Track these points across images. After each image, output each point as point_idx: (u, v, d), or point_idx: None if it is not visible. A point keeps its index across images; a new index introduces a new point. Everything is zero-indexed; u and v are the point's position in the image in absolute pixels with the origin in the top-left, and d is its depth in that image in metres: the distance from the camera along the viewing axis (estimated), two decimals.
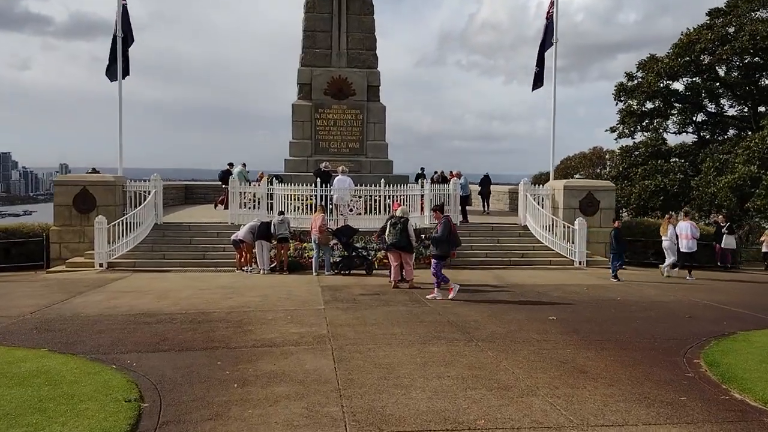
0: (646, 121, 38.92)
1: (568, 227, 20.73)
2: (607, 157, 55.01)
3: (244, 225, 19.10)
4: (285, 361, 8.57)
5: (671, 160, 34.78)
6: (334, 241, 19.46)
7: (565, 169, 53.73)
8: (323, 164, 21.62)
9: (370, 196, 20.61)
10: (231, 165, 27.55)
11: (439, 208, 14.93)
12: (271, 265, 18.54)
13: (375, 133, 26.86)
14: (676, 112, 38.50)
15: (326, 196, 20.29)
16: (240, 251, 18.84)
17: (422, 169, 30.64)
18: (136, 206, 20.59)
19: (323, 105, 26.58)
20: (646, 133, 39.93)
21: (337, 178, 20.71)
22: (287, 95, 27.74)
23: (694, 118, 38.89)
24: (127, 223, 19.88)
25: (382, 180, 20.74)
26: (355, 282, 16.48)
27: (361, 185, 20.85)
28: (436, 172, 31.17)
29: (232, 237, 18.91)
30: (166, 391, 7.28)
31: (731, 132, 38.57)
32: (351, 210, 20.59)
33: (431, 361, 8.52)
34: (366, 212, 20.67)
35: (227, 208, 26.33)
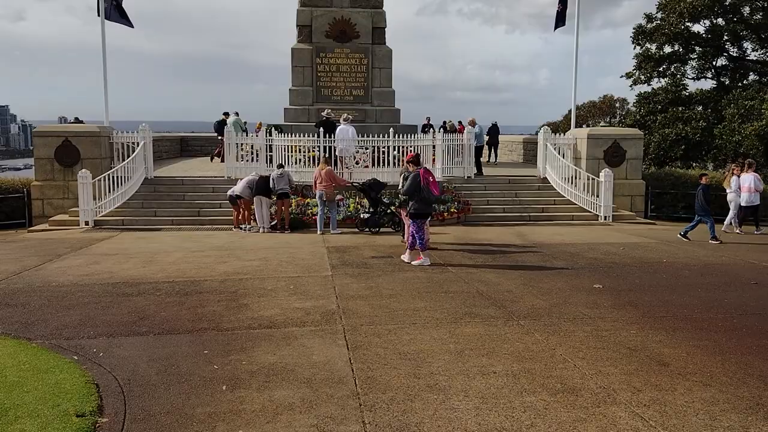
0: (664, 66, 36.69)
1: (593, 179, 18.92)
2: (617, 105, 52.83)
3: (241, 179, 17.30)
4: (287, 348, 6.86)
5: (692, 108, 32.68)
6: (339, 197, 17.70)
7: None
8: (325, 112, 19.69)
9: (378, 147, 18.75)
10: (226, 114, 25.60)
11: (413, 161, 12.73)
12: (272, 223, 16.81)
13: (381, 80, 24.81)
14: (696, 56, 36.23)
15: (330, 147, 18.43)
16: (237, 208, 17.10)
17: (428, 119, 28.67)
18: (124, 159, 18.76)
19: (325, 49, 24.46)
20: (662, 79, 37.76)
21: (339, 128, 18.81)
22: (286, 45, 25.57)
23: (714, 63, 36.63)
24: (114, 177, 18.11)
25: (391, 129, 18.85)
26: (364, 242, 14.76)
27: (365, 135, 18.94)
28: (444, 123, 29.25)
29: (229, 192, 17.14)
30: (135, 396, 5.58)
31: (752, 77, 36.38)
32: (357, 162, 18.76)
33: (468, 349, 6.81)
34: (373, 165, 18.83)
35: (224, 161, 24.58)
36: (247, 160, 19.84)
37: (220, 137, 25.46)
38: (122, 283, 10.38)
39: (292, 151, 18.94)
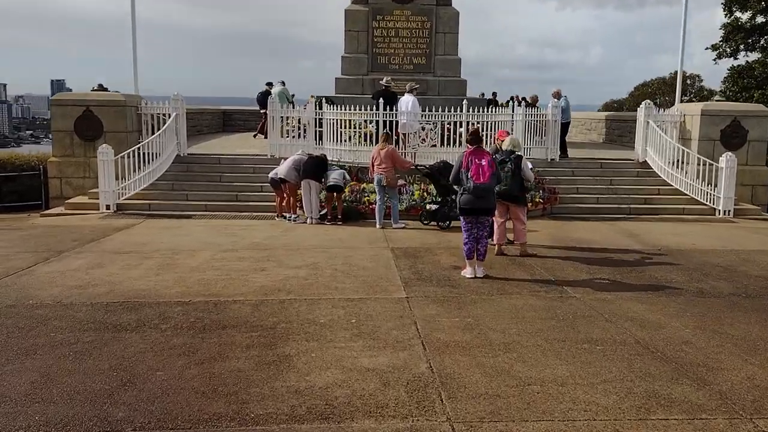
0: (754, 37, 32.30)
1: (708, 164, 15.29)
2: (687, 82, 48.17)
3: (285, 159, 14.21)
4: None
5: None
6: (402, 182, 14.48)
7: (641, 96, 47.23)
8: (384, 80, 16.39)
9: (448, 122, 15.42)
10: (270, 85, 22.50)
11: (472, 137, 9.06)
12: (321, 212, 13.71)
13: (445, 46, 21.35)
14: None
15: (390, 122, 15.17)
16: (280, 193, 14.03)
17: (494, 94, 25.16)
18: (155, 133, 15.85)
19: (383, 10, 21.08)
20: (750, 53, 33.41)
21: (401, 99, 15.53)
22: (333, 22, 22.23)
23: None
24: (140, 154, 15.22)
25: (465, 101, 15.46)
26: (436, 241, 11.54)
27: (427, 110, 15.57)
28: (513, 98, 25.68)
29: (271, 175, 14.07)
30: None
31: None
32: (423, 140, 15.49)
33: None
34: (441, 144, 15.54)
35: (267, 138, 21.58)
36: (294, 137, 16.75)
37: (262, 110, 22.41)
38: (121, 303, 7.40)
39: (345, 126, 15.75)
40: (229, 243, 11.19)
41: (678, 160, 16.00)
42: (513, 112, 16.06)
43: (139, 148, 15.23)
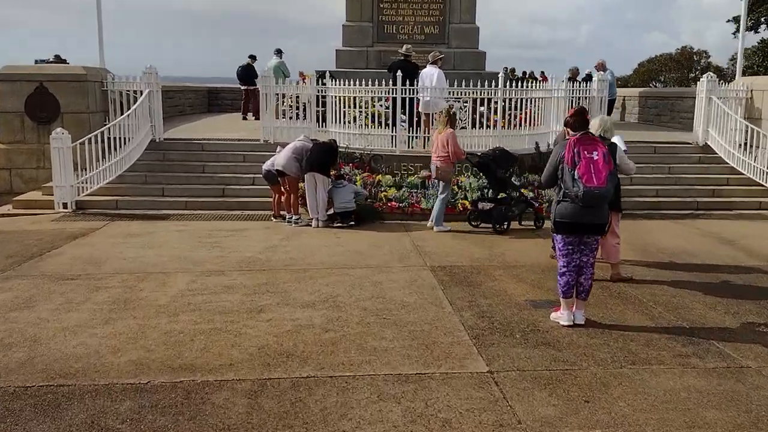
0: None
1: None
2: (695, 58, 45.40)
3: (282, 146, 11.23)
4: None
5: None
6: (426, 173, 11.60)
7: (647, 73, 44.54)
8: (404, 48, 13.34)
9: (480, 99, 12.46)
10: (252, 58, 19.34)
11: (574, 121, 5.84)
12: (329, 212, 10.78)
13: (461, 13, 18.28)
14: None
15: (411, 99, 12.17)
16: (277, 189, 11.09)
17: (512, 70, 22.12)
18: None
19: None
20: None
21: (423, 72, 12.54)
22: (327, 2, 18.97)
23: None
24: (106, 139, 12.20)
25: (500, 74, 12.47)
26: (485, 253, 8.65)
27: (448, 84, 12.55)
28: (507, 69, 22.67)
29: (265, 166, 11.11)
30: None
31: None
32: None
33: None
34: (472, 126, 12.58)
35: (258, 118, 18.50)
36: (291, 118, 13.76)
37: (244, 87, 19.36)
38: (35, 391, 4.50)
39: (351, 106, 12.76)
40: (214, 259, 8.25)
41: (746, 144, 13.19)
42: (554, 86, 13.11)
43: (103, 132, 12.20)
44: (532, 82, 15.14)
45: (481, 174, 11.29)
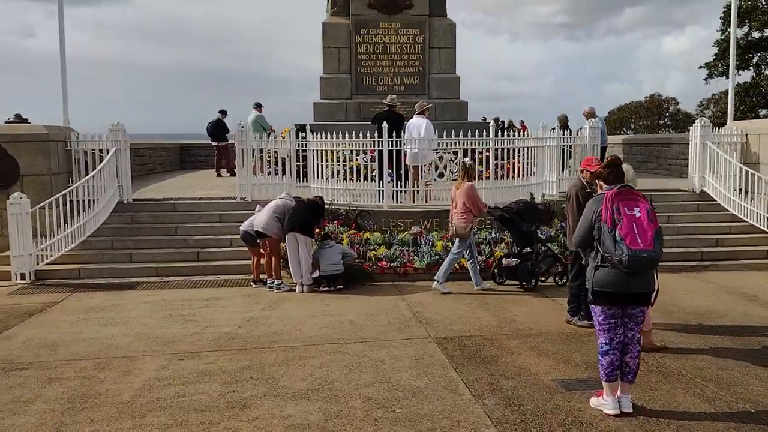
0: (749, 54, 29.75)
1: None
2: (664, 105, 45.82)
3: (261, 206, 10.29)
4: None
5: None
6: (417, 229, 10.77)
7: (617, 121, 44.75)
8: (388, 98, 12.60)
9: (464, 150, 11.67)
10: (223, 113, 18.54)
11: (608, 173, 5.06)
12: (313, 274, 9.78)
13: (441, 63, 17.79)
14: None
15: (395, 151, 11.35)
16: (256, 251, 10.12)
17: (496, 119, 21.62)
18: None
19: (367, 23, 17.45)
20: (741, 72, 30.91)
21: (410, 123, 11.79)
22: (298, 58, 18.36)
23: None
24: (69, 202, 11.18)
25: (491, 123, 11.74)
26: (493, 319, 7.71)
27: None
28: (498, 120, 22.29)
29: (243, 227, 10.15)
30: None
31: None
32: (441, 175, 11.74)
33: None
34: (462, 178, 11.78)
35: (232, 174, 17.65)
36: (269, 174, 12.88)
37: (215, 143, 18.49)
38: None
39: (330, 160, 11.93)
40: (188, 337, 7.20)
41: (743, 190, 12.59)
42: (546, 135, 12.44)
43: (66, 195, 11.19)
44: (513, 132, 14.53)
45: (479, 231, 10.52)
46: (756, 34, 28.86)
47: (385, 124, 11.14)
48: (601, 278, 4.74)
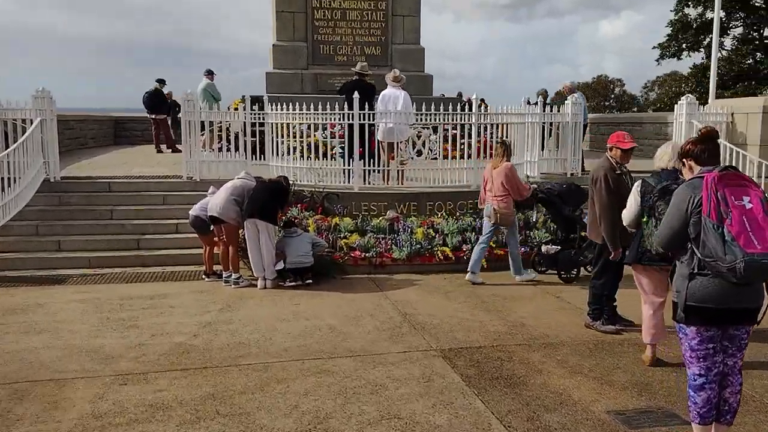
0: (701, 36, 29.44)
1: None
2: (610, 86, 45.73)
3: (214, 188, 8.80)
4: None
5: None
6: (393, 214, 9.50)
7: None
8: (358, 66, 11.15)
9: (453, 125, 10.41)
10: (161, 82, 16.74)
11: (700, 149, 3.88)
12: (278, 266, 8.38)
13: (404, 33, 16.43)
14: (740, 24, 29.02)
15: (365, 125, 9.97)
16: (209, 239, 8.66)
17: (459, 94, 20.40)
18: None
19: None
20: (692, 53, 30.71)
21: (384, 94, 10.41)
22: (243, 31, 16.61)
23: (758, 33, 29.34)
24: None
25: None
26: (498, 322, 6.53)
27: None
28: (461, 96, 21.03)
29: (193, 211, 8.65)
30: None
31: None
32: (419, 153, 10.47)
33: None
34: (444, 157, 10.51)
35: (174, 150, 15.98)
36: (221, 150, 11.33)
37: (153, 116, 16.72)
38: None
39: (287, 135, 10.49)
40: (131, 350, 5.75)
41: None
42: (528, 110, 11.30)
43: None
44: (486, 109, 13.38)
45: (456, 215, 9.36)
46: (709, 15, 28.52)
47: (356, 95, 9.72)
48: (699, 290, 3.57)
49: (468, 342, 5.94)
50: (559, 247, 8.37)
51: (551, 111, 11.95)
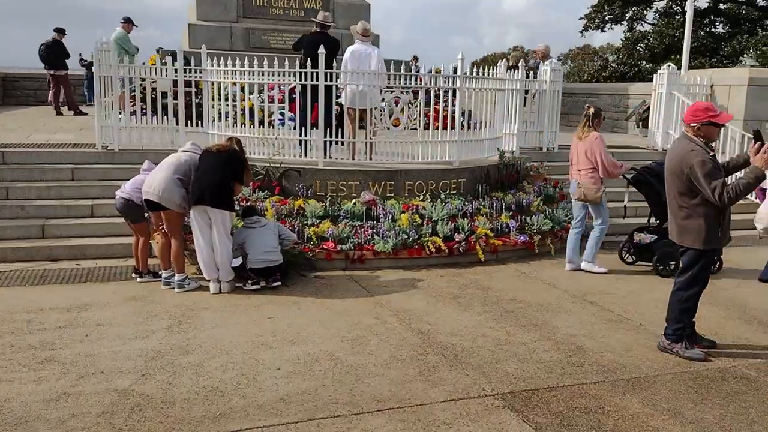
0: (626, 9, 28.96)
1: None
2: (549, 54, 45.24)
3: (151, 163, 6.74)
4: None
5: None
6: (369, 197, 7.79)
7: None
8: (321, 15, 9.11)
9: (428, 90, 8.69)
10: (60, 32, 14.02)
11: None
12: (234, 263, 6.51)
13: None
14: None
15: (331, 87, 8.11)
16: (142, 228, 6.62)
17: (415, 57, 18.51)
18: None
19: None
20: (615, 26, 30.36)
21: (354, 51, 8.52)
22: None
23: (680, 7, 29.18)
24: None
25: (459, 58, 8.78)
26: (546, 341, 5.04)
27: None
28: (417, 59, 19.16)
29: (121, 193, 6.57)
30: None
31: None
32: (397, 121, 8.73)
33: None
34: (425, 127, 8.78)
35: (76, 112, 13.52)
36: (144, 114, 9.13)
37: (51, 72, 14.08)
38: None
39: (220, 96, 8.47)
40: (52, 405, 3.85)
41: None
42: (508, 76, 9.78)
43: None
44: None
45: (442, 197, 7.81)
46: None
47: (321, 49, 7.80)
48: None
49: (528, 379, 4.39)
50: (655, 236, 7.28)
51: (528, 78, 10.54)
